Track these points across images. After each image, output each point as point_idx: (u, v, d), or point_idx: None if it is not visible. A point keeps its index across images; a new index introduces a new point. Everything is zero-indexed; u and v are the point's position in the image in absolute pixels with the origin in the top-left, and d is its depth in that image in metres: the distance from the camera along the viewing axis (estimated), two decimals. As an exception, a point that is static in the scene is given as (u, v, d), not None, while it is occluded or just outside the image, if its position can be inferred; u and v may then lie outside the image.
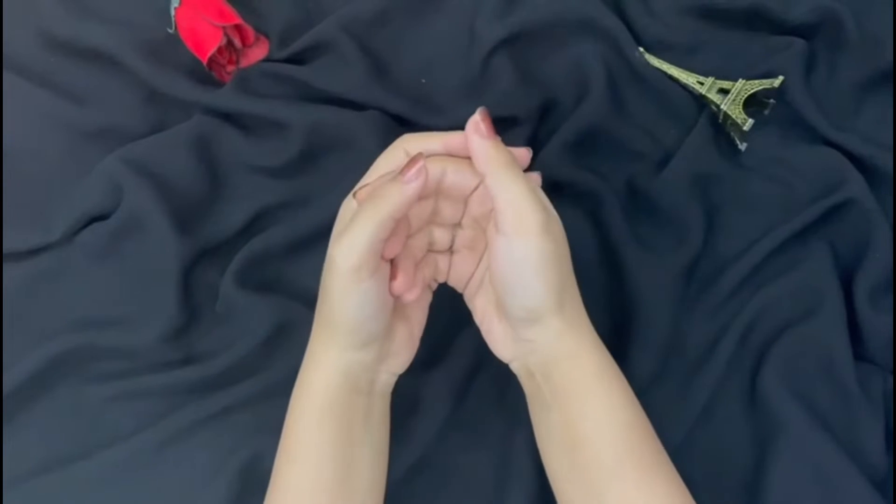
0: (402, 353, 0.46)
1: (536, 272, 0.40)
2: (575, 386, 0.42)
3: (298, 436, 0.43)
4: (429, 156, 0.42)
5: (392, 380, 0.46)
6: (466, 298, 0.48)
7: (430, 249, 0.47)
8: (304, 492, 0.42)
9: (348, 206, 0.43)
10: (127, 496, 0.54)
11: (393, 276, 0.42)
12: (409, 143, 0.43)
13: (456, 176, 0.43)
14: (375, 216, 0.39)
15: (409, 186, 0.39)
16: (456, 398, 0.55)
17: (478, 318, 0.47)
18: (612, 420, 0.42)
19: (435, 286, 0.48)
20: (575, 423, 0.42)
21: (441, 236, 0.47)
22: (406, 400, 0.54)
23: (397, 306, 0.45)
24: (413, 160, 0.39)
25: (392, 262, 0.42)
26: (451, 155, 0.43)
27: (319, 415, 0.42)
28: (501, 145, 0.41)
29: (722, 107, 0.60)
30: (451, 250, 0.48)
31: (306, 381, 0.44)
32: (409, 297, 0.43)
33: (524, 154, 0.44)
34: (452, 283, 0.48)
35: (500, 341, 0.45)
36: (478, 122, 0.40)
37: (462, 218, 0.46)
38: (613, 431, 0.41)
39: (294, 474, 0.42)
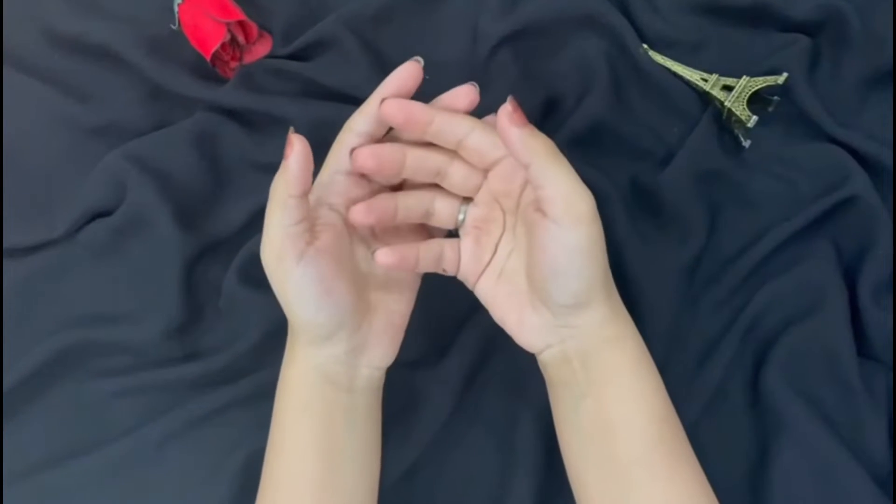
0: (379, 345, 0.44)
1: (589, 257, 0.40)
2: (613, 373, 0.42)
3: (282, 432, 0.43)
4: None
5: (376, 374, 0.44)
6: (481, 292, 0.45)
7: (429, 222, 0.45)
8: (289, 487, 0.42)
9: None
10: (128, 492, 0.54)
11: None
12: (354, 122, 0.42)
13: (482, 139, 0.41)
14: (274, 202, 0.39)
15: (288, 162, 0.38)
16: (458, 395, 0.55)
17: (500, 311, 0.44)
18: (645, 408, 0.41)
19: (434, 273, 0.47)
20: (609, 409, 0.41)
21: (444, 209, 0.45)
22: (408, 396, 0.54)
23: (372, 296, 0.44)
24: (288, 139, 0.39)
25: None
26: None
27: (299, 411, 0.42)
28: (538, 132, 0.39)
29: (726, 104, 0.60)
30: (456, 234, 0.46)
31: (284, 377, 0.44)
32: (383, 259, 0.42)
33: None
34: (463, 273, 0.45)
35: (534, 331, 0.43)
36: (510, 112, 0.38)
37: (477, 193, 0.44)
38: (646, 419, 0.41)
39: (279, 470, 0.42)
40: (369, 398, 0.44)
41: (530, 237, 0.41)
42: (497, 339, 0.56)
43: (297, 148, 0.38)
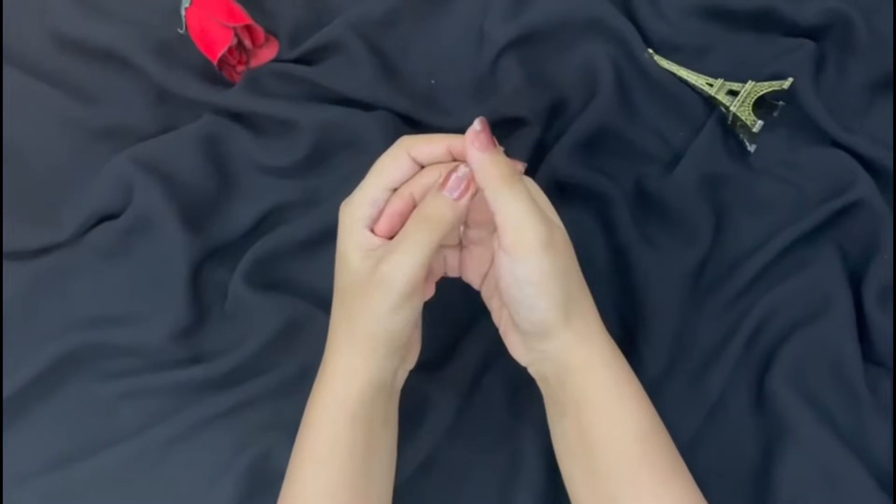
0: (415, 347, 0.46)
1: (539, 289, 0.40)
2: (588, 395, 0.42)
3: (320, 442, 0.43)
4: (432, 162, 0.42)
5: (405, 377, 0.46)
6: (484, 297, 0.47)
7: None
8: (323, 493, 0.42)
9: (347, 212, 0.43)
10: (135, 494, 0.54)
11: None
12: (412, 147, 0.42)
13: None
14: (435, 231, 0.39)
15: (460, 203, 0.39)
16: (463, 398, 0.55)
17: (495, 318, 0.47)
18: (625, 429, 0.41)
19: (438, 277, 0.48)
20: (588, 431, 0.42)
21: None
22: (414, 400, 0.54)
23: None
24: (453, 172, 0.39)
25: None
26: (455, 159, 0.42)
27: (346, 423, 0.42)
28: (500, 158, 0.39)
29: (731, 108, 0.60)
30: (460, 245, 0.47)
31: (330, 388, 0.43)
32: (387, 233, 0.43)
33: (519, 167, 0.43)
34: (467, 279, 0.48)
35: (516, 347, 0.45)
36: (477, 132, 0.39)
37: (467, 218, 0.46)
38: (627, 440, 0.41)
39: (315, 475, 0.42)
40: (396, 402, 0.46)
41: (493, 264, 0.43)
42: (500, 346, 0.56)
43: (472, 187, 0.39)
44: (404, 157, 0.42)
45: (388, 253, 0.39)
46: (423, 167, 0.43)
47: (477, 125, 0.39)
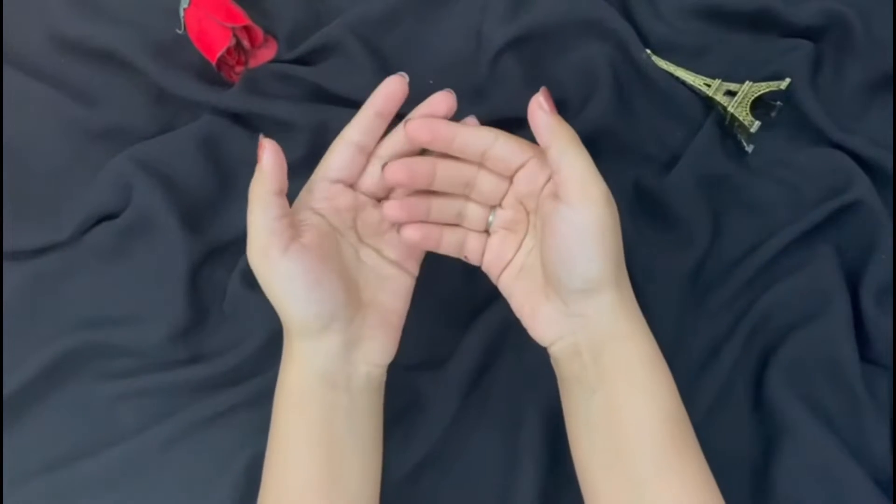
0: (374, 339, 0.44)
1: (600, 240, 0.40)
2: (624, 368, 0.42)
3: (280, 436, 0.43)
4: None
5: (375, 372, 0.45)
6: (502, 285, 0.47)
7: (460, 224, 0.47)
8: (289, 491, 0.42)
9: None
10: (132, 494, 0.54)
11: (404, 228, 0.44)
12: (348, 132, 0.44)
13: (505, 147, 0.43)
14: (254, 202, 0.40)
15: (262, 162, 0.41)
16: (463, 396, 0.55)
17: (517, 303, 0.46)
18: (657, 406, 0.41)
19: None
20: (619, 405, 0.41)
21: (475, 213, 0.47)
22: (412, 398, 0.55)
23: (364, 294, 0.45)
24: (259, 143, 0.41)
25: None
26: (386, 116, 0.44)
27: (296, 414, 0.42)
28: (563, 121, 0.41)
29: (729, 109, 0.60)
30: (487, 231, 0.47)
31: (281, 381, 0.44)
32: (409, 234, 0.45)
33: (471, 120, 0.45)
34: (487, 267, 0.47)
35: (547, 322, 0.44)
36: (541, 100, 0.41)
37: (504, 198, 0.46)
38: (657, 417, 0.41)
39: (279, 474, 0.42)
40: (370, 399, 0.45)
41: (545, 225, 0.43)
42: (501, 342, 0.56)
43: (268, 148, 0.41)
44: (342, 145, 0.44)
45: None
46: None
47: (541, 95, 0.41)
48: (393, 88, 0.44)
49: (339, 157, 0.44)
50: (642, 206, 0.60)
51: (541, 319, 0.44)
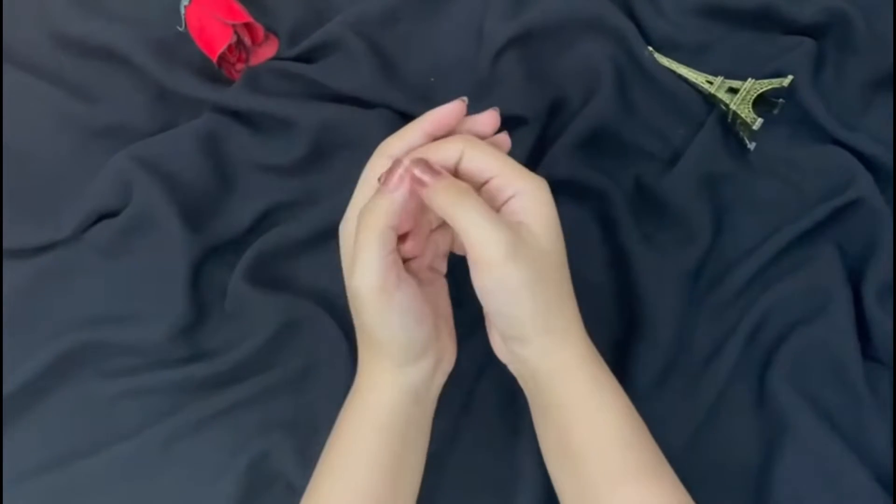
0: (450, 348, 0.46)
1: (508, 300, 0.39)
2: (565, 399, 0.42)
3: (350, 452, 0.43)
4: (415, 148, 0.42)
5: (443, 380, 0.46)
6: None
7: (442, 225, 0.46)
8: (348, 499, 0.42)
9: (345, 229, 0.43)
10: (134, 493, 0.54)
11: (402, 241, 0.42)
12: (389, 148, 0.42)
13: (469, 164, 0.41)
14: (374, 234, 0.38)
15: (396, 195, 0.39)
16: (462, 401, 0.55)
17: (487, 314, 0.46)
18: (604, 433, 0.41)
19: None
20: (567, 433, 0.42)
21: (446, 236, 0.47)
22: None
23: (434, 303, 0.45)
24: (392, 167, 0.39)
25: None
26: (434, 139, 0.42)
27: (376, 432, 0.42)
28: (447, 179, 0.39)
29: (731, 106, 0.60)
30: None
31: (361, 402, 0.44)
32: (408, 248, 0.43)
33: (504, 139, 0.44)
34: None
35: (497, 347, 0.46)
36: (417, 174, 0.39)
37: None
38: (605, 444, 0.41)
39: (341, 488, 0.42)
40: (433, 407, 0.46)
41: None
42: (493, 354, 0.56)
43: (405, 181, 0.39)
44: (385, 161, 0.42)
45: (351, 265, 0.39)
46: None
47: (415, 171, 0.39)
48: (451, 111, 0.42)
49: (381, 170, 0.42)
50: (644, 204, 0.60)
51: (494, 342, 0.46)
